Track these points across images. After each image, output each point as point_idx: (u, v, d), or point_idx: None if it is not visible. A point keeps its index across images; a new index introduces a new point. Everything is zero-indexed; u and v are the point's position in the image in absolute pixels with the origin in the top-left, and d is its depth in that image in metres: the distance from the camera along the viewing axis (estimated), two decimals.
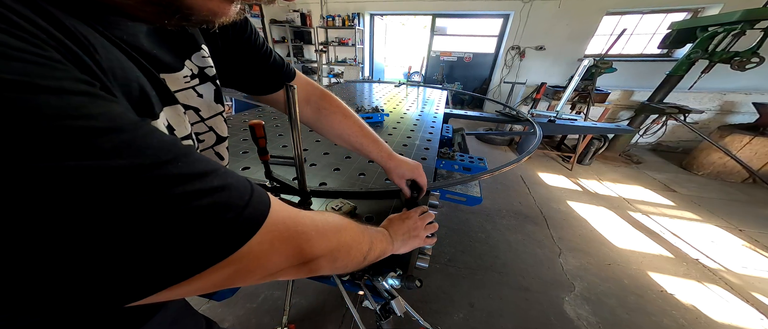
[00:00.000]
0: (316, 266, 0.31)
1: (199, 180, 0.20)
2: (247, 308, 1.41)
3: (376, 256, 0.46)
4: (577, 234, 2.10)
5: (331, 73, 6.10)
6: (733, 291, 1.64)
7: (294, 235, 0.27)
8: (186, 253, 0.19)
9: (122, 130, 0.17)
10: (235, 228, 0.22)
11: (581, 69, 2.32)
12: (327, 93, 0.67)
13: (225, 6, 0.27)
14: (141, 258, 0.17)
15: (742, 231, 2.19)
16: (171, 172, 0.18)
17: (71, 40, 0.18)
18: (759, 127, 2.97)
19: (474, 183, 0.97)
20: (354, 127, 0.68)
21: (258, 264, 0.24)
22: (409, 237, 0.58)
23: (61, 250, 0.15)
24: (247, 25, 0.50)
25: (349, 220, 0.39)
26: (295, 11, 5.59)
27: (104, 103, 0.17)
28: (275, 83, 0.59)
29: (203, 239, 0.20)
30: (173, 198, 0.18)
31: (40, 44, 0.15)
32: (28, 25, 0.16)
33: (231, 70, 0.51)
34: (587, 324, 1.41)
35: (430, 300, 1.49)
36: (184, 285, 0.20)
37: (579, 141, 3.16)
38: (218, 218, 0.20)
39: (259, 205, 0.24)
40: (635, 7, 4.12)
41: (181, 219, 0.18)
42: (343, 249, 0.35)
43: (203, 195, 0.20)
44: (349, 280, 0.66)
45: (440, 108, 1.94)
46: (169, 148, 0.19)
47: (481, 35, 5.51)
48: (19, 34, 0.15)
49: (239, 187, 0.23)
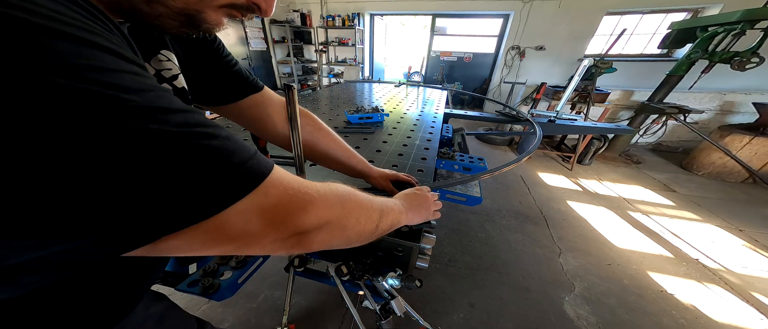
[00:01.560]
0: (326, 234, 0.30)
1: (210, 127, 0.23)
2: (247, 308, 1.40)
3: (389, 225, 0.44)
4: (577, 234, 2.10)
5: (331, 73, 6.11)
6: (733, 291, 1.64)
7: (299, 195, 0.27)
8: (197, 190, 0.20)
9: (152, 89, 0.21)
10: (240, 174, 0.23)
11: (581, 69, 2.32)
12: (307, 111, 0.67)
13: (224, 18, 0.33)
14: (156, 193, 0.19)
15: (742, 231, 2.19)
16: (184, 117, 0.21)
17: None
18: (759, 127, 2.97)
19: (474, 183, 0.97)
20: (338, 143, 0.70)
21: (263, 224, 0.24)
22: (421, 207, 0.58)
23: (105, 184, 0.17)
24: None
25: (354, 189, 0.38)
26: (295, 11, 5.59)
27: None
28: (238, 91, 0.57)
29: (213, 177, 0.21)
30: (194, 135, 0.21)
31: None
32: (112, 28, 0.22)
33: (192, 77, 0.50)
34: (587, 324, 1.41)
35: (430, 300, 1.49)
36: (195, 233, 0.22)
37: (579, 141, 3.16)
38: (226, 160, 0.22)
39: (263, 162, 0.26)
40: (635, 7, 4.12)
41: (194, 155, 0.20)
42: (352, 216, 0.34)
43: (213, 138, 0.22)
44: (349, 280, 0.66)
45: (440, 108, 1.94)
46: (185, 104, 0.22)
47: (481, 35, 5.51)
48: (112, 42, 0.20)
49: (245, 145, 0.25)
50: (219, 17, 0.32)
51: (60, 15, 0.17)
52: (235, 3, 0.32)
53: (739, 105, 3.70)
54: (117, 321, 0.39)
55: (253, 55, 5.63)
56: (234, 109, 0.58)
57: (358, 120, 1.40)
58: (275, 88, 5.97)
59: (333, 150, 0.69)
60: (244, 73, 0.57)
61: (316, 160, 0.71)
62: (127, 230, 0.19)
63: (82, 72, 0.16)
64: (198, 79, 0.51)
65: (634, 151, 3.82)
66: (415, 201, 0.57)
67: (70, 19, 0.17)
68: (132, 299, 0.42)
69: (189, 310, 0.62)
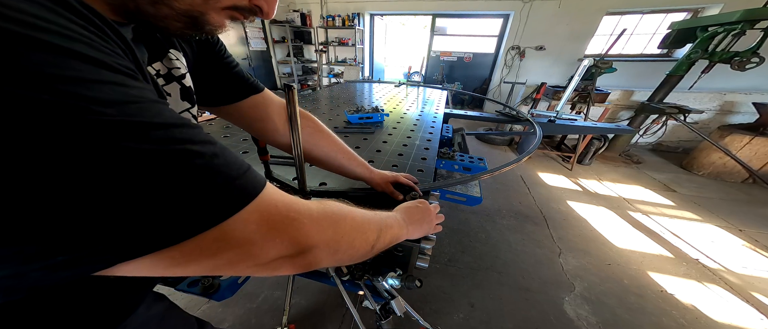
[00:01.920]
0: (314, 258, 0.29)
1: (198, 144, 0.22)
2: (247, 308, 1.41)
3: (387, 243, 0.43)
4: (577, 234, 2.10)
5: (331, 73, 6.11)
6: (733, 291, 1.64)
7: (285, 220, 0.26)
8: (178, 212, 0.19)
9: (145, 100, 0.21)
10: (224, 194, 0.22)
11: (581, 69, 2.32)
12: (307, 113, 0.66)
13: (226, 20, 0.33)
14: (138, 209, 0.18)
15: (742, 231, 2.19)
16: (167, 133, 0.20)
17: (121, 39, 0.23)
18: (759, 127, 2.97)
19: (474, 183, 0.97)
20: (338, 145, 0.69)
21: (247, 245, 0.23)
22: (423, 221, 0.57)
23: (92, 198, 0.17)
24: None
25: (351, 207, 0.37)
26: (295, 11, 5.59)
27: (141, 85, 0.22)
28: (239, 92, 0.57)
29: (194, 199, 0.20)
30: (174, 153, 0.20)
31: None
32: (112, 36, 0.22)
33: (194, 77, 0.51)
34: (587, 324, 1.41)
35: (430, 300, 1.49)
36: (174, 256, 0.21)
37: (579, 141, 3.16)
38: (210, 181, 0.21)
39: (253, 182, 0.25)
40: (635, 7, 4.12)
41: (169, 175, 0.19)
42: (345, 240, 0.33)
43: (197, 156, 0.21)
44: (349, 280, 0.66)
45: (440, 108, 1.94)
46: (175, 117, 0.22)
47: (481, 35, 5.51)
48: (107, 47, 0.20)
49: (235, 163, 0.24)
50: (222, 19, 0.33)
51: (37, 20, 0.16)
52: (238, 5, 0.32)
53: (739, 105, 3.70)
54: (121, 321, 0.40)
55: (253, 55, 5.63)
56: (234, 110, 0.58)
57: (358, 120, 1.40)
58: (275, 88, 5.97)
59: (333, 152, 0.68)
60: (244, 75, 0.58)
61: (316, 161, 0.70)
62: (110, 248, 0.18)
63: (53, 83, 0.15)
64: (199, 79, 0.52)
65: (634, 151, 3.82)
66: (416, 215, 0.56)
67: (48, 25, 0.16)
68: (137, 300, 0.42)
69: (189, 310, 0.62)
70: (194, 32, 0.32)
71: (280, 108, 0.63)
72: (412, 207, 0.58)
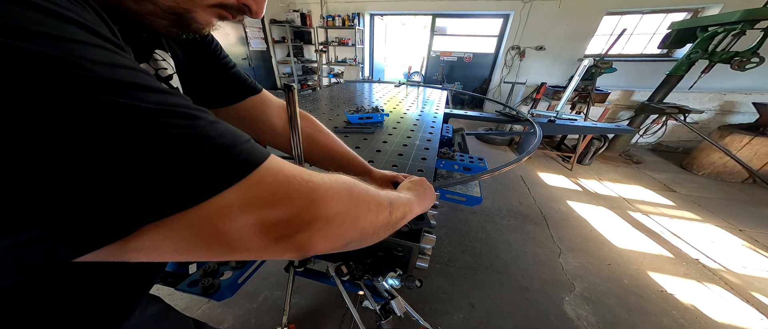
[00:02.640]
0: (338, 228, 0.26)
1: (195, 109, 0.20)
2: (247, 308, 1.41)
3: (402, 215, 0.40)
4: (577, 234, 2.10)
5: (331, 73, 6.11)
6: (733, 291, 1.64)
7: (301, 183, 0.23)
8: (176, 174, 0.18)
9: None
10: (229, 158, 0.20)
11: (581, 69, 2.32)
12: (306, 113, 0.66)
13: (214, 18, 0.33)
14: (127, 176, 0.16)
15: (742, 231, 2.19)
16: (163, 97, 0.19)
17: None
18: (759, 127, 2.98)
19: (474, 183, 0.97)
20: (338, 145, 0.69)
21: (257, 218, 0.21)
22: (426, 195, 0.56)
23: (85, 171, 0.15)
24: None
25: (356, 179, 0.34)
26: (295, 11, 5.59)
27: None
28: (237, 93, 0.57)
29: (196, 161, 0.18)
30: (166, 113, 0.18)
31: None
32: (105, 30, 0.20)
33: (190, 79, 0.50)
34: (587, 324, 1.41)
35: (430, 300, 1.49)
36: (172, 229, 0.19)
37: (579, 141, 3.16)
38: (212, 142, 0.20)
39: (257, 148, 0.23)
40: (635, 7, 4.12)
41: (173, 135, 0.18)
42: (362, 205, 0.30)
43: (197, 119, 0.20)
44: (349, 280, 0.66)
45: (440, 108, 1.94)
46: (163, 87, 0.21)
47: (481, 35, 5.51)
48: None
49: (235, 130, 0.22)
50: (209, 17, 0.32)
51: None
52: (226, 3, 0.32)
53: (739, 105, 3.70)
54: (118, 324, 0.39)
55: (253, 55, 5.63)
56: (232, 111, 0.58)
57: (358, 120, 1.40)
58: (275, 89, 5.97)
59: (333, 152, 0.68)
60: (241, 76, 0.57)
61: (316, 162, 0.70)
62: (91, 220, 0.16)
63: (44, 38, 0.15)
64: (196, 81, 0.51)
65: (634, 151, 3.82)
66: (420, 188, 0.55)
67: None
68: (134, 302, 0.42)
69: (189, 310, 0.62)
70: (181, 31, 0.32)
71: (279, 109, 0.63)
72: (416, 182, 0.58)
